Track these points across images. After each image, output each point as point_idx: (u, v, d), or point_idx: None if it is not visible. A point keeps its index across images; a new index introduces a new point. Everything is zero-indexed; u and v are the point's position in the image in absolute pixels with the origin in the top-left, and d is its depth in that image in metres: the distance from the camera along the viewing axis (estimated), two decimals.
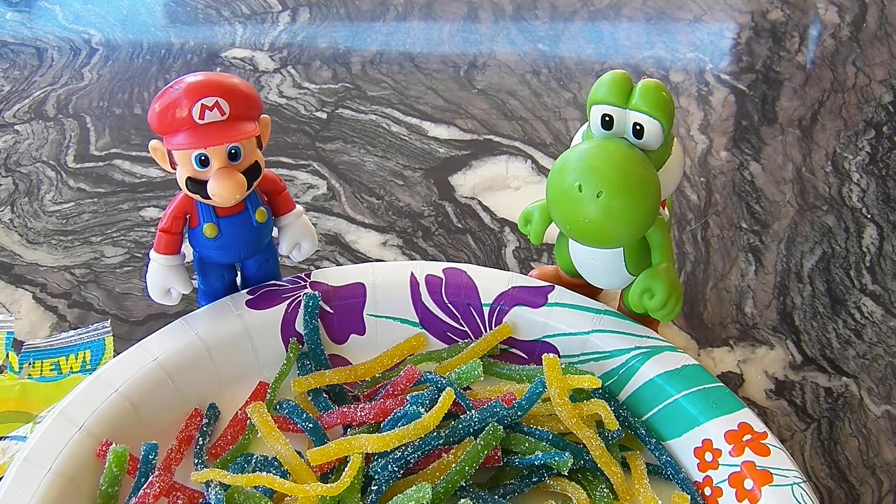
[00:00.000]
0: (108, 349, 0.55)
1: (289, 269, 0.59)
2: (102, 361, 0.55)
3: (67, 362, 0.54)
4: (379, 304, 0.53)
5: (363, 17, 0.92)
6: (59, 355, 0.55)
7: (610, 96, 0.46)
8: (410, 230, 0.65)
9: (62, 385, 0.52)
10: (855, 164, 0.72)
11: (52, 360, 0.55)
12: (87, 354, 0.55)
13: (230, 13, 0.92)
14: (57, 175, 0.70)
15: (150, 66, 0.84)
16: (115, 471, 0.44)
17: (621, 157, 0.46)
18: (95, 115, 0.77)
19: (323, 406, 0.49)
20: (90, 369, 0.54)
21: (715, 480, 0.45)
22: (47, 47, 0.86)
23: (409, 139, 0.74)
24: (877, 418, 0.53)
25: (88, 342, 0.56)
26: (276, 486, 0.43)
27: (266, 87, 0.81)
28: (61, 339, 0.56)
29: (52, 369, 0.54)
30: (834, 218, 0.67)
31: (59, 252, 0.64)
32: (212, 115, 0.46)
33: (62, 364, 0.54)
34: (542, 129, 0.76)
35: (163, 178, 0.70)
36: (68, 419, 0.45)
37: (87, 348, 0.55)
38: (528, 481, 0.46)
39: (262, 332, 0.51)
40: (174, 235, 0.49)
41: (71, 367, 0.54)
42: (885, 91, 0.80)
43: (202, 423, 0.49)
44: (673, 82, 0.81)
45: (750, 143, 0.74)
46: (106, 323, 0.57)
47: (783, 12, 0.93)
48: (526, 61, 0.84)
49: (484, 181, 0.70)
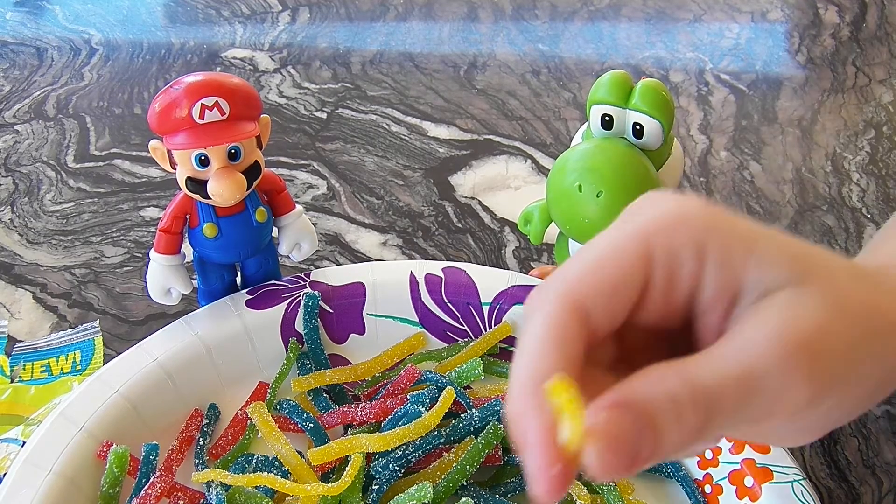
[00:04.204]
0: (98, 349, 0.55)
1: (289, 269, 0.59)
2: (92, 361, 0.55)
3: (58, 363, 0.54)
4: (379, 304, 0.53)
5: (363, 17, 0.92)
6: (49, 356, 0.55)
7: (610, 96, 0.46)
8: (410, 230, 0.65)
9: (53, 387, 0.52)
10: (855, 164, 0.72)
11: (43, 362, 0.55)
12: (77, 355, 0.55)
13: (230, 13, 0.92)
14: (57, 175, 0.70)
15: (150, 66, 0.84)
16: (116, 472, 0.44)
17: (621, 157, 0.46)
18: (95, 115, 0.77)
19: (323, 406, 0.49)
20: (80, 370, 0.54)
21: (715, 478, 0.45)
22: (47, 47, 0.87)
23: (409, 139, 0.74)
24: (877, 418, 0.53)
25: (78, 343, 0.56)
26: (277, 485, 0.43)
27: (266, 87, 0.81)
28: (51, 339, 0.56)
29: (43, 370, 0.54)
30: (834, 218, 0.67)
31: (59, 252, 0.64)
32: (212, 115, 0.46)
33: (53, 366, 0.54)
34: (542, 129, 0.76)
35: (163, 178, 0.70)
36: (69, 420, 0.45)
37: (77, 349, 0.55)
38: None
39: (262, 332, 0.51)
40: (174, 235, 0.49)
41: (62, 369, 0.54)
42: (885, 91, 0.80)
43: (202, 424, 0.49)
44: (673, 82, 0.81)
45: (750, 143, 0.74)
46: (94, 323, 0.57)
47: (783, 12, 0.93)
48: (526, 61, 0.84)
49: (484, 181, 0.70)
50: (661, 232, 0.28)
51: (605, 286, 0.28)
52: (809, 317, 0.28)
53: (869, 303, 0.30)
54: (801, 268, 0.28)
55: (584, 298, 0.27)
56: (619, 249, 0.28)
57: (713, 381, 0.26)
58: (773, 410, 0.28)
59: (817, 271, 0.29)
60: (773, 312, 0.27)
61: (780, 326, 0.27)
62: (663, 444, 0.25)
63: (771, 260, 0.28)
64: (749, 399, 0.27)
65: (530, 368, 0.26)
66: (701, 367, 0.27)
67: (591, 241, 0.29)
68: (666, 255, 0.28)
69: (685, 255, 0.28)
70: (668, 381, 0.26)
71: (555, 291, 0.27)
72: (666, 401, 0.26)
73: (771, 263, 0.28)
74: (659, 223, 0.28)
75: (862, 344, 0.29)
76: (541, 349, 0.26)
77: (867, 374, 0.30)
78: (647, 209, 0.29)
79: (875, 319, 0.30)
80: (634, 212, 0.29)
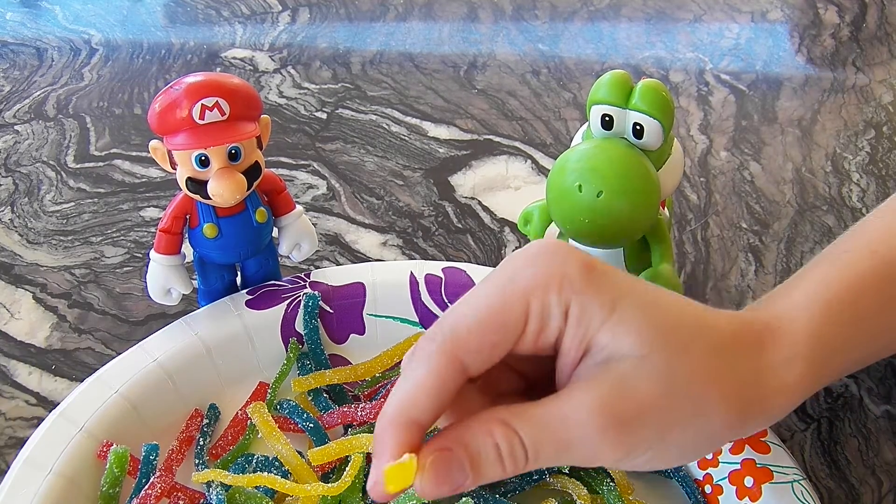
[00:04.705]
0: None
1: (289, 269, 0.59)
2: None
3: None
4: (379, 304, 0.53)
5: (363, 17, 0.92)
6: None
7: (610, 96, 0.46)
8: (410, 230, 0.65)
9: None
10: (855, 164, 0.72)
11: None
12: None
13: (230, 13, 0.92)
14: (57, 175, 0.70)
15: (150, 66, 0.84)
16: (116, 472, 0.44)
17: (621, 157, 0.46)
18: (95, 115, 0.77)
19: (323, 406, 0.49)
20: None
21: (715, 478, 0.45)
22: (47, 47, 0.87)
23: (409, 139, 0.74)
24: (877, 418, 0.53)
25: None
26: (278, 486, 0.43)
27: (266, 87, 0.81)
28: None
29: None
30: (834, 218, 0.67)
31: (59, 252, 0.64)
32: (212, 115, 0.46)
33: None
34: (542, 129, 0.76)
35: (163, 178, 0.70)
36: (68, 420, 0.45)
37: None
38: (529, 479, 0.46)
39: (262, 332, 0.51)
40: (174, 235, 0.49)
41: None
42: (885, 91, 0.80)
43: (202, 424, 0.49)
44: (673, 82, 0.81)
45: (750, 143, 0.74)
46: None
47: (783, 12, 0.93)
48: (526, 61, 0.84)
49: (484, 181, 0.70)
50: (538, 291, 0.33)
51: (486, 345, 0.33)
52: (633, 394, 0.33)
53: (710, 377, 0.34)
54: (651, 338, 0.33)
55: (465, 356, 0.33)
56: (504, 310, 0.33)
57: (533, 438, 0.32)
58: (588, 462, 0.35)
59: (668, 342, 0.34)
60: (601, 384, 0.33)
61: (602, 401, 0.33)
62: (484, 478, 0.33)
63: (624, 328, 0.33)
64: (564, 454, 0.33)
65: (404, 407, 0.33)
66: (528, 424, 0.33)
67: (484, 287, 0.34)
68: (539, 311, 0.33)
69: (554, 313, 0.33)
70: (495, 433, 0.32)
71: (441, 347, 0.33)
72: (490, 448, 0.32)
73: (623, 331, 0.33)
74: (540, 283, 0.33)
75: (686, 417, 0.34)
76: (416, 395, 0.33)
77: (688, 438, 0.34)
78: (534, 265, 0.34)
79: (709, 395, 0.34)
80: (523, 264, 0.34)
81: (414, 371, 0.33)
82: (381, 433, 0.33)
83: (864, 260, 0.40)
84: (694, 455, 0.39)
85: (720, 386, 0.34)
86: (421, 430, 0.33)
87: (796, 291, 0.39)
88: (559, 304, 0.33)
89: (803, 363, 0.36)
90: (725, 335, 0.36)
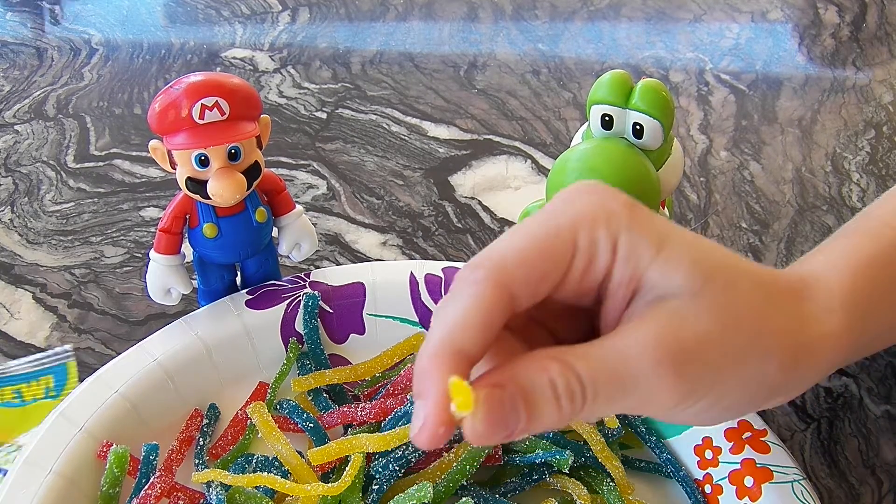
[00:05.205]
0: (72, 374, 0.54)
1: (289, 269, 0.59)
2: (66, 386, 0.53)
3: (30, 388, 0.53)
4: (378, 304, 0.53)
5: (363, 17, 0.92)
6: (19, 382, 0.53)
7: (610, 96, 0.46)
8: (410, 230, 0.65)
9: (27, 411, 0.51)
10: (855, 164, 0.72)
11: (14, 388, 0.53)
12: (49, 380, 0.53)
13: (230, 13, 0.92)
14: (57, 175, 0.70)
15: (150, 66, 0.84)
16: (116, 472, 0.44)
17: (621, 157, 0.46)
18: (95, 115, 0.77)
19: (323, 406, 0.49)
20: (54, 395, 0.53)
21: (715, 478, 0.45)
22: (47, 47, 0.87)
23: (409, 139, 0.74)
24: (877, 418, 0.53)
25: (50, 368, 0.54)
26: (278, 486, 0.43)
27: (266, 87, 0.81)
28: (21, 364, 0.54)
29: (15, 396, 0.52)
30: (834, 218, 0.67)
31: (59, 252, 0.64)
32: (212, 115, 0.46)
33: (24, 391, 0.53)
34: (542, 129, 0.76)
35: (163, 178, 0.70)
36: (68, 420, 0.45)
37: (49, 374, 0.54)
38: (529, 479, 0.46)
39: (262, 332, 0.51)
40: (174, 235, 0.49)
41: (34, 395, 0.53)
42: (885, 91, 0.80)
43: (202, 424, 0.49)
44: (673, 82, 0.81)
45: (750, 143, 0.74)
46: (67, 347, 0.56)
47: (783, 12, 0.93)
48: (526, 61, 0.84)
49: (484, 181, 0.70)
50: (586, 224, 0.32)
51: (534, 275, 0.31)
52: (690, 328, 0.31)
53: (761, 314, 0.33)
54: (701, 275, 0.32)
55: (512, 284, 0.30)
56: (551, 239, 0.31)
57: (590, 374, 0.30)
58: (644, 407, 0.32)
59: (716, 279, 0.32)
60: (657, 320, 0.31)
61: (659, 336, 0.31)
62: (539, 421, 0.30)
63: (673, 265, 0.32)
64: (620, 394, 0.31)
65: (451, 337, 0.29)
66: (583, 360, 0.30)
67: (529, 221, 0.32)
68: (587, 246, 0.32)
69: (602, 247, 0.32)
70: (550, 369, 0.30)
71: (488, 273, 0.30)
72: (545, 386, 0.29)
73: (672, 268, 0.32)
74: (587, 217, 0.32)
75: (743, 352, 0.32)
76: (464, 323, 0.30)
77: (746, 380, 0.33)
78: (577, 201, 0.32)
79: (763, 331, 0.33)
80: (567, 200, 0.33)
81: (458, 299, 0.30)
82: (424, 367, 0.29)
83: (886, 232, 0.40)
84: (749, 403, 0.35)
85: (770, 322, 0.33)
86: (469, 365, 0.30)
87: (821, 255, 0.39)
88: (607, 239, 0.31)
89: (842, 314, 0.36)
90: (766, 278, 0.35)
